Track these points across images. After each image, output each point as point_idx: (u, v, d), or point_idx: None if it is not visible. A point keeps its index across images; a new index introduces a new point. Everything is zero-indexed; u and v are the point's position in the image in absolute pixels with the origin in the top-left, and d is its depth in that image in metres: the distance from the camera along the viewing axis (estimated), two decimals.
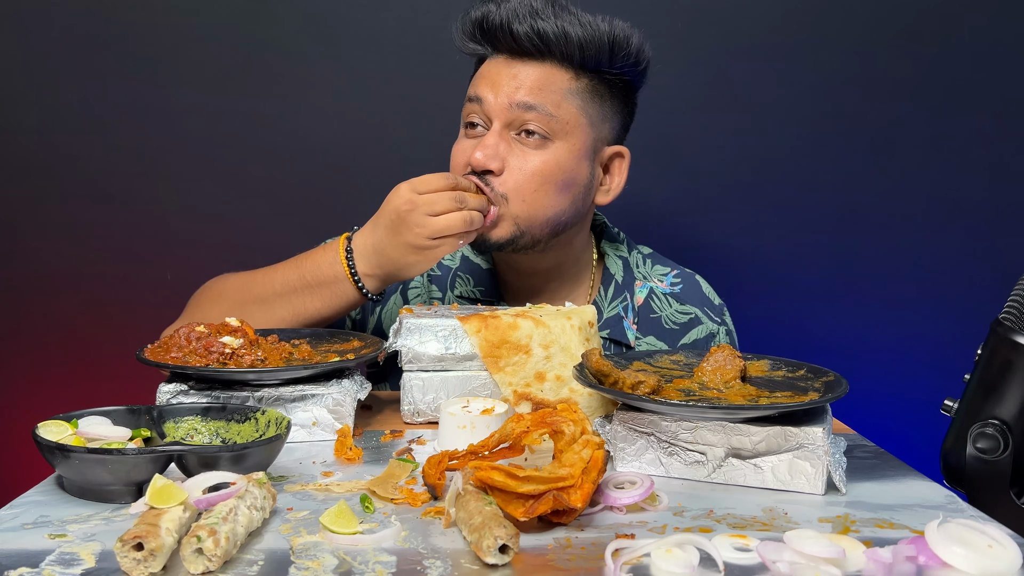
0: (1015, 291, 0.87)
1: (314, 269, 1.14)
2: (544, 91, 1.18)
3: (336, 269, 1.13)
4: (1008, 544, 0.62)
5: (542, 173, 1.18)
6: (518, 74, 1.19)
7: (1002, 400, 0.83)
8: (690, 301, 1.35)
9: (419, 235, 1.08)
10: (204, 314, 1.18)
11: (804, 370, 0.95)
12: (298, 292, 1.14)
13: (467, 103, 1.23)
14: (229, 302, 1.18)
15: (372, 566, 0.62)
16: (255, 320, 1.12)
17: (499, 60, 1.21)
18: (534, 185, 1.18)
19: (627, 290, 1.33)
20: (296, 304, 1.14)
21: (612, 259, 1.35)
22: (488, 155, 1.17)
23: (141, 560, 0.59)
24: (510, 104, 1.18)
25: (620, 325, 1.30)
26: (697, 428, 0.81)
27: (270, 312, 1.15)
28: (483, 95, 1.19)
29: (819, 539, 0.63)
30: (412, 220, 1.08)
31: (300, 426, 0.92)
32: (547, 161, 1.19)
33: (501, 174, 1.18)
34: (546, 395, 0.99)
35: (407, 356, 0.99)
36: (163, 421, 0.84)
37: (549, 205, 1.20)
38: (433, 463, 0.76)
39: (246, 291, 1.18)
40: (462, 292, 1.31)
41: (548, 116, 1.18)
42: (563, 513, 0.70)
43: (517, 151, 1.19)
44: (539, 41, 1.17)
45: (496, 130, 1.18)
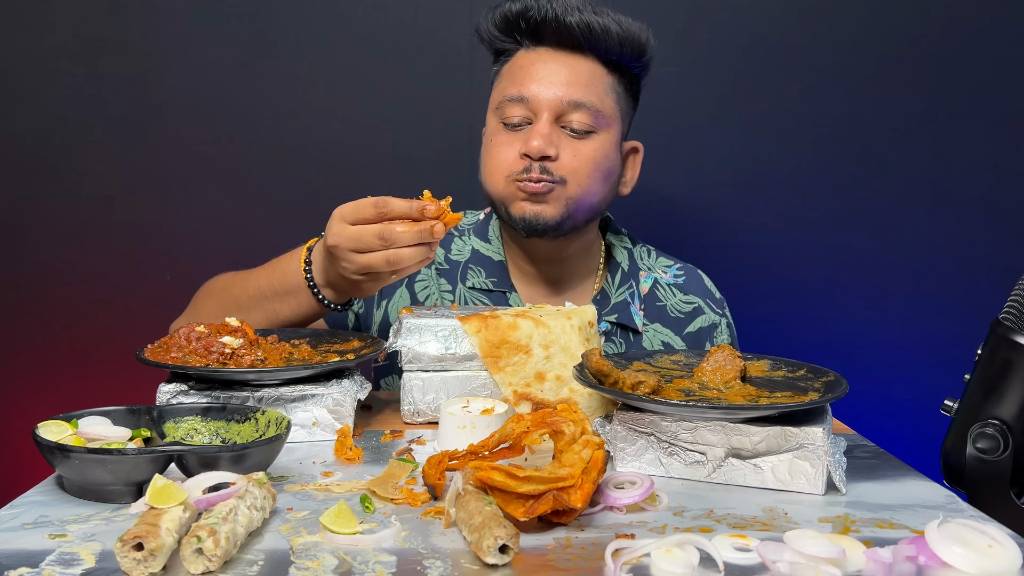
0: (1015, 291, 0.87)
1: (280, 277, 1.14)
2: (591, 86, 1.21)
3: (298, 278, 1.12)
4: (1008, 544, 0.62)
5: (594, 160, 1.22)
6: (566, 69, 1.21)
7: (1002, 400, 0.83)
8: (693, 292, 1.37)
9: (347, 270, 1.04)
10: (197, 312, 1.22)
11: (804, 370, 0.95)
12: (268, 299, 1.15)
13: (507, 103, 1.22)
14: (215, 303, 1.20)
15: (372, 566, 0.62)
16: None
17: (540, 52, 1.23)
18: (588, 170, 1.21)
19: (632, 278, 1.35)
20: (267, 310, 1.15)
21: (619, 249, 1.37)
22: (546, 142, 1.18)
23: (141, 560, 0.59)
24: (561, 100, 1.20)
25: (628, 310, 1.32)
26: (697, 428, 0.81)
27: (247, 316, 1.15)
28: (529, 93, 1.20)
29: (819, 539, 0.63)
30: (339, 255, 1.03)
31: (300, 426, 0.92)
32: (596, 149, 1.22)
33: (557, 160, 1.20)
34: (546, 395, 0.99)
35: (407, 356, 0.99)
36: (163, 421, 0.84)
37: (596, 191, 1.24)
38: (433, 463, 0.76)
39: (227, 293, 1.20)
40: (475, 283, 1.31)
41: (595, 111, 1.21)
42: (563, 513, 0.70)
43: (566, 141, 1.21)
44: (589, 33, 1.19)
45: (546, 120, 1.20)
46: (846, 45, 1.73)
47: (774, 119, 1.75)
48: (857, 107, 1.74)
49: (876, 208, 1.77)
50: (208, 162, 1.72)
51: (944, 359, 1.69)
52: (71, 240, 1.72)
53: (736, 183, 1.76)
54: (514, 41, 1.25)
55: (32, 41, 1.67)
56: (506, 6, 1.23)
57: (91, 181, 1.71)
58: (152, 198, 1.72)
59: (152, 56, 1.68)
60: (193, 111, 1.70)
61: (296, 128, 1.72)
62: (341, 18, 1.70)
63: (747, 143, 1.75)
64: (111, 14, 1.67)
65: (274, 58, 1.70)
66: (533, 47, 1.23)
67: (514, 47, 1.26)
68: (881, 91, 1.74)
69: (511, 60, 1.25)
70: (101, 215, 1.72)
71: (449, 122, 1.71)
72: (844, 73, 1.73)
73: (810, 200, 1.77)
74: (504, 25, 1.24)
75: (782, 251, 1.78)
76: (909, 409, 1.72)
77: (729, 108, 1.74)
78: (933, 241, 1.77)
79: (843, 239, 1.77)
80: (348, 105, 1.72)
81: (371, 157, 1.73)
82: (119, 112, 1.70)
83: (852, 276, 1.78)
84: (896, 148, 1.75)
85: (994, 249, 1.76)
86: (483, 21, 1.27)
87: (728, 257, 1.73)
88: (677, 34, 1.70)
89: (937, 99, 1.74)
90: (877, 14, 1.72)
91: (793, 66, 1.73)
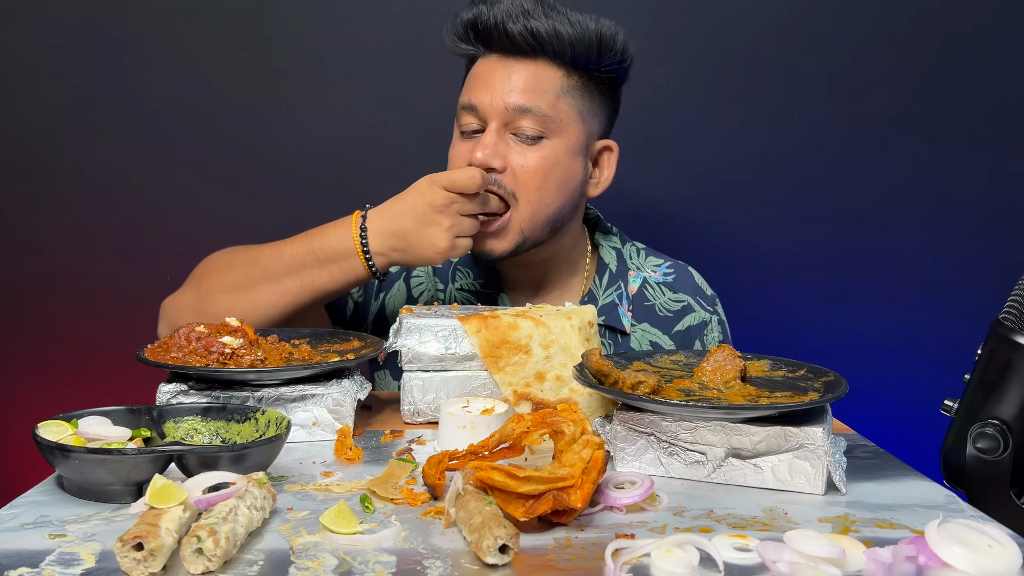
0: (1015, 291, 0.87)
1: (323, 244, 1.14)
2: (538, 91, 1.19)
3: (347, 245, 1.13)
4: (1008, 544, 0.62)
5: (543, 169, 1.20)
6: (512, 74, 1.20)
7: (1002, 400, 0.83)
8: (682, 290, 1.37)
9: (449, 232, 1.11)
10: (211, 284, 1.20)
11: (804, 370, 0.95)
12: (308, 267, 1.14)
13: (461, 111, 1.24)
14: (237, 275, 1.18)
15: (372, 566, 0.62)
16: (263, 294, 1.15)
17: (491, 60, 1.22)
18: (536, 182, 1.20)
19: (621, 279, 1.35)
20: (305, 278, 1.14)
21: (606, 250, 1.37)
22: (488, 154, 1.18)
23: (141, 560, 0.59)
24: (506, 107, 1.19)
25: (615, 312, 1.32)
26: (697, 428, 0.81)
27: (279, 285, 1.15)
28: (477, 101, 1.20)
29: (819, 539, 0.63)
30: (445, 217, 1.10)
31: (300, 426, 0.92)
32: (546, 157, 1.20)
33: (504, 172, 1.19)
34: (546, 395, 0.99)
35: (407, 356, 0.99)
36: (163, 421, 0.84)
37: (550, 202, 1.22)
38: (433, 463, 0.76)
39: (255, 265, 1.18)
40: (463, 285, 1.33)
41: (543, 116, 1.19)
42: (563, 513, 0.70)
43: (516, 149, 1.20)
44: (532, 40, 1.18)
45: (493, 129, 1.19)
46: (846, 45, 1.72)
47: (774, 119, 1.75)
48: (856, 107, 1.74)
49: (876, 208, 1.77)
50: (208, 162, 1.72)
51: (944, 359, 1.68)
52: (71, 240, 1.72)
53: (735, 183, 1.76)
54: (473, 49, 1.25)
55: (32, 41, 1.67)
56: (462, 14, 1.23)
57: (91, 181, 1.71)
58: (152, 198, 1.72)
59: (152, 56, 1.68)
60: (193, 111, 1.70)
61: (296, 128, 1.72)
62: (341, 18, 1.70)
63: (746, 143, 1.75)
64: (111, 14, 1.67)
65: (274, 58, 1.70)
66: (486, 55, 1.23)
67: (474, 55, 1.26)
68: (880, 91, 1.74)
69: (472, 68, 1.26)
70: (101, 215, 1.72)
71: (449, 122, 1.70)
72: (843, 73, 1.73)
73: (810, 200, 1.77)
74: (462, 32, 1.24)
75: (782, 251, 1.78)
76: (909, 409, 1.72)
77: (728, 108, 1.74)
78: (933, 241, 1.77)
79: (843, 239, 1.77)
80: (348, 105, 1.72)
81: (371, 157, 1.73)
82: (119, 112, 1.70)
83: (852, 276, 1.78)
84: (896, 148, 1.75)
85: (994, 249, 1.76)
86: (445, 30, 1.27)
87: (728, 257, 1.73)
88: (677, 34, 1.70)
89: (937, 99, 1.74)
90: (877, 14, 1.72)
91: (793, 66, 1.73)
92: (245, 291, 1.16)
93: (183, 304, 1.21)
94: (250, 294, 1.16)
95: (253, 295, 1.16)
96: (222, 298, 1.17)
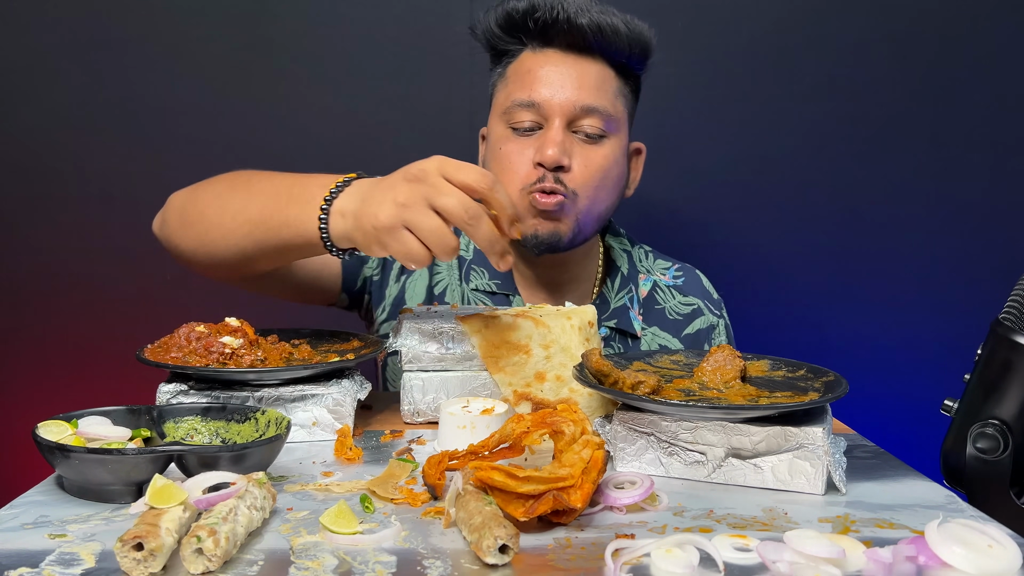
0: (1015, 291, 0.87)
1: (304, 184, 1.01)
2: (601, 90, 1.18)
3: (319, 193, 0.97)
4: (1008, 544, 0.62)
5: (602, 169, 1.19)
6: (577, 71, 1.17)
7: (1002, 400, 0.83)
8: (692, 293, 1.36)
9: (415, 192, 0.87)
10: (204, 190, 1.12)
11: (804, 370, 0.95)
12: (277, 199, 1.01)
13: (516, 108, 1.18)
14: (223, 186, 1.09)
15: (372, 566, 0.62)
16: (227, 213, 1.05)
17: (549, 55, 1.18)
18: (596, 181, 1.19)
19: (632, 282, 1.34)
20: (266, 209, 1.02)
21: (617, 252, 1.35)
22: (560, 151, 1.15)
23: (141, 560, 0.59)
24: (573, 105, 1.16)
25: (627, 315, 1.31)
26: (697, 428, 0.81)
27: (245, 208, 1.04)
28: (540, 98, 1.16)
29: (819, 539, 0.63)
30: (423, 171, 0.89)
31: (300, 426, 0.92)
32: (607, 156, 1.19)
33: (570, 170, 1.17)
34: (546, 395, 0.99)
35: (407, 356, 0.99)
36: (163, 421, 0.84)
37: (603, 200, 1.22)
38: (433, 463, 0.76)
39: (244, 182, 1.08)
40: (477, 285, 1.29)
41: (607, 116, 1.18)
42: (563, 513, 0.70)
43: (578, 148, 1.18)
44: (599, 35, 1.15)
45: (559, 127, 1.16)
46: (846, 45, 1.73)
47: (774, 119, 1.75)
48: (857, 107, 1.74)
49: (876, 208, 1.77)
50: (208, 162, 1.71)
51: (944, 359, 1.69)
52: (71, 240, 1.72)
53: (735, 183, 1.76)
54: (518, 42, 1.21)
55: (32, 41, 1.67)
56: (510, 4, 1.19)
57: (91, 181, 1.71)
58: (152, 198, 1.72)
59: (152, 56, 1.68)
60: (193, 111, 1.70)
61: (296, 128, 1.72)
62: (341, 18, 1.70)
63: (746, 143, 1.75)
64: (111, 14, 1.67)
65: (274, 58, 1.70)
66: (540, 48, 1.19)
67: (517, 48, 1.22)
68: (881, 91, 1.74)
69: (515, 62, 1.22)
70: (101, 215, 1.72)
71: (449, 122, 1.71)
72: (843, 73, 1.73)
73: (810, 200, 1.77)
74: (508, 24, 1.20)
75: (782, 251, 1.78)
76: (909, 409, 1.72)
77: (729, 108, 1.74)
78: (933, 241, 1.77)
79: (843, 239, 1.77)
80: (348, 105, 1.72)
81: (371, 157, 1.73)
82: (119, 112, 1.70)
83: (852, 276, 1.78)
84: (896, 148, 1.76)
85: (994, 249, 1.76)
86: (483, 20, 1.22)
87: (728, 257, 1.73)
88: (677, 34, 1.70)
89: (937, 99, 1.74)
90: (877, 14, 1.72)
91: (793, 66, 1.73)
92: (219, 204, 1.06)
93: (177, 199, 1.14)
94: (219, 209, 1.06)
95: (221, 211, 1.06)
96: (203, 203, 1.09)
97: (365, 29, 1.70)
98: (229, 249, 1.05)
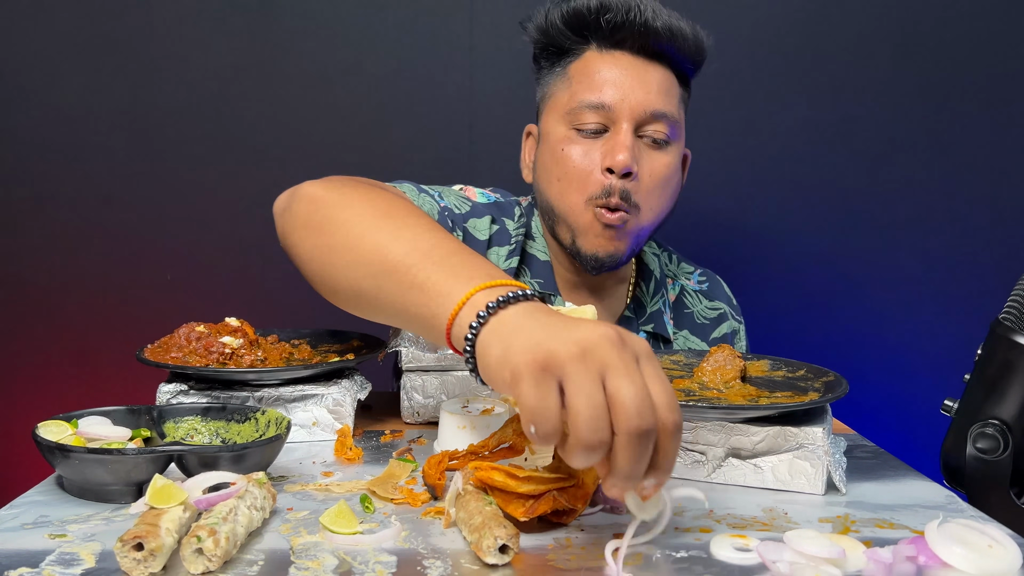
0: (1015, 291, 0.87)
1: (440, 277, 0.72)
2: (669, 95, 1.14)
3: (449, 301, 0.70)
4: (1008, 544, 0.62)
5: (666, 176, 1.15)
6: (647, 75, 1.13)
7: (1002, 400, 0.83)
8: (718, 298, 1.36)
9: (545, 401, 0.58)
10: (343, 210, 0.86)
11: (804, 370, 0.95)
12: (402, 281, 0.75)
13: (583, 109, 1.13)
14: (367, 220, 0.83)
15: (372, 566, 0.62)
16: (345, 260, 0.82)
17: (618, 58, 1.14)
18: (660, 190, 1.15)
19: (663, 286, 1.32)
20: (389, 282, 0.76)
21: (649, 256, 1.33)
22: (630, 157, 1.10)
23: (141, 560, 0.59)
24: (644, 110, 1.12)
25: (661, 320, 1.29)
26: (697, 428, 0.81)
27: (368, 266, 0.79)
28: (610, 101, 1.12)
29: (819, 539, 0.63)
30: (626, 361, 0.58)
31: (300, 426, 0.92)
32: (669, 164, 1.15)
33: (637, 178, 1.12)
34: None
35: (407, 356, 0.99)
36: (163, 421, 0.84)
37: (661, 209, 1.17)
38: (433, 463, 0.76)
39: (382, 225, 0.81)
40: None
41: (673, 122, 1.14)
42: (563, 513, 0.70)
43: (645, 154, 1.14)
44: (672, 41, 1.12)
45: (628, 130, 1.11)
46: (849, 47, 1.73)
47: (774, 120, 1.75)
48: (857, 108, 1.74)
49: (876, 208, 1.77)
50: (208, 162, 1.72)
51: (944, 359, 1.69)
52: (71, 240, 1.72)
53: (736, 184, 1.76)
54: (583, 40, 1.16)
55: (32, 41, 1.67)
56: (580, 1, 1.13)
57: (91, 181, 1.71)
58: (152, 198, 1.72)
59: (152, 56, 1.68)
60: (193, 111, 1.70)
61: (296, 128, 1.72)
62: (341, 18, 1.70)
63: (748, 144, 1.75)
64: (111, 14, 1.67)
65: (274, 58, 1.70)
66: (608, 50, 1.15)
67: (581, 47, 1.17)
68: (882, 92, 1.74)
69: (579, 60, 1.16)
70: (101, 215, 1.72)
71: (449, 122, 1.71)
72: (845, 75, 1.73)
73: (810, 201, 1.77)
74: (576, 22, 1.15)
75: (782, 251, 1.78)
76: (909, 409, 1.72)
77: (729, 109, 1.74)
78: (933, 241, 1.77)
79: (842, 239, 1.77)
80: (348, 105, 1.72)
81: (371, 157, 1.73)
82: (119, 112, 1.70)
83: (852, 276, 1.78)
84: (896, 148, 1.75)
85: (994, 249, 1.76)
86: (546, 15, 1.17)
87: (728, 257, 1.73)
88: None
89: (937, 100, 1.74)
90: (878, 16, 1.72)
91: (793, 66, 1.73)
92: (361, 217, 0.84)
93: (312, 200, 0.91)
94: (347, 248, 0.82)
95: (348, 252, 0.82)
96: (334, 232, 0.85)
97: (365, 29, 1.70)
98: (347, 279, 0.83)
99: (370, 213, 0.84)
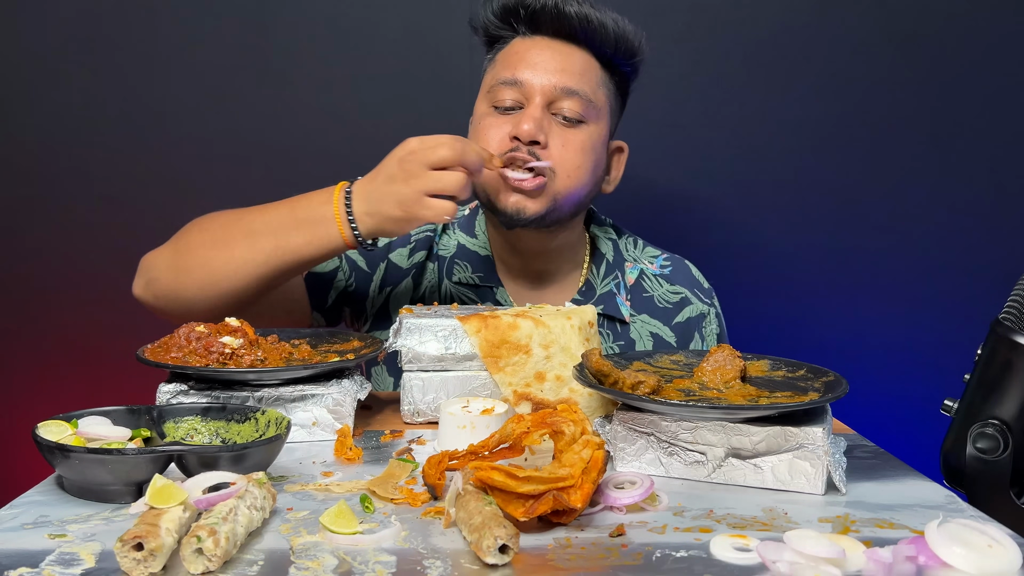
0: (1015, 291, 0.87)
1: (306, 206, 1.12)
2: (584, 76, 1.22)
3: (327, 209, 1.10)
4: (1008, 544, 0.62)
5: (583, 150, 1.22)
6: (561, 56, 1.22)
7: (1002, 400, 0.83)
8: (679, 282, 1.38)
9: (413, 188, 1.05)
10: (189, 239, 1.18)
11: (804, 370, 0.95)
12: (285, 227, 1.11)
13: (500, 87, 1.23)
14: (217, 231, 1.16)
15: (372, 566, 0.62)
16: (238, 249, 1.12)
17: (537, 40, 1.24)
18: (577, 161, 1.22)
19: (618, 269, 1.36)
20: (280, 238, 1.11)
21: (603, 241, 1.38)
22: (536, 127, 1.18)
23: (141, 560, 0.59)
24: (554, 86, 1.20)
25: (613, 301, 1.33)
26: (697, 428, 0.81)
27: (254, 243, 1.12)
28: (523, 77, 1.21)
29: (819, 539, 0.63)
30: (410, 169, 1.05)
31: (300, 426, 0.92)
32: (584, 140, 1.22)
33: (546, 147, 1.20)
34: (546, 395, 0.99)
35: (407, 356, 0.99)
36: (163, 421, 0.84)
37: (584, 182, 1.23)
38: (433, 463, 0.76)
39: (235, 224, 1.15)
40: (460, 278, 1.32)
41: (587, 101, 1.21)
42: (563, 513, 0.70)
43: (557, 129, 1.21)
44: (586, 25, 1.20)
45: (539, 105, 1.20)
46: (847, 45, 1.73)
47: (774, 118, 1.75)
48: (856, 107, 1.74)
49: (876, 208, 1.77)
50: (208, 162, 1.72)
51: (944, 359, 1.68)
52: (71, 240, 1.72)
53: (736, 183, 1.76)
54: (511, 29, 1.26)
55: (32, 41, 1.67)
56: None
57: (91, 181, 1.71)
58: (152, 198, 1.72)
59: (152, 56, 1.68)
60: (193, 111, 1.70)
61: (296, 128, 1.72)
62: (341, 18, 1.70)
63: (747, 142, 1.75)
64: (111, 14, 1.67)
65: (274, 58, 1.70)
66: (530, 35, 1.25)
67: (510, 35, 1.27)
68: (881, 91, 1.74)
69: (506, 47, 1.27)
70: (101, 215, 1.72)
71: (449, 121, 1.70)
72: (844, 73, 1.73)
73: (810, 200, 1.77)
74: (502, 13, 1.25)
75: (782, 251, 1.78)
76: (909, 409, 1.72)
77: (729, 107, 1.74)
78: (933, 241, 1.77)
79: (843, 239, 1.77)
80: (348, 105, 1.72)
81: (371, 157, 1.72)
82: (119, 112, 1.70)
83: (852, 276, 1.78)
84: (896, 148, 1.76)
85: (994, 249, 1.76)
86: (481, 9, 1.28)
87: (728, 257, 1.73)
88: (678, 32, 1.70)
89: (937, 99, 1.74)
90: (877, 14, 1.72)
91: (793, 66, 1.73)
92: (221, 247, 1.14)
93: (160, 257, 1.20)
94: (224, 251, 1.13)
95: (227, 251, 1.13)
96: (199, 252, 1.15)
97: (365, 29, 1.70)
98: (242, 281, 1.13)
99: (219, 236, 1.15)
